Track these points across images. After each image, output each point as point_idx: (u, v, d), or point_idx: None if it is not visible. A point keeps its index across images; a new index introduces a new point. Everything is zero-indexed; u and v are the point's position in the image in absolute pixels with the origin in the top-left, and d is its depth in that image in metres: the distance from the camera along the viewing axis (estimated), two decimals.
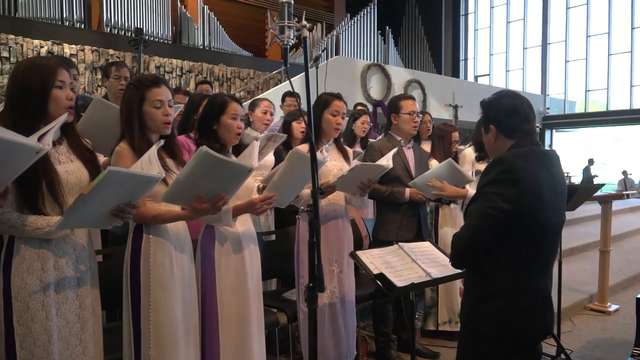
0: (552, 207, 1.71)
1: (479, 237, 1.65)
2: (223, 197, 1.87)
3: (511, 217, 1.61)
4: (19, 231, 1.64)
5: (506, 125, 1.76)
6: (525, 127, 1.76)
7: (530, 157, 1.70)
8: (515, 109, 1.76)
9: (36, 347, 1.67)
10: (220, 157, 1.77)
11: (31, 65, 1.70)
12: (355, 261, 2.25)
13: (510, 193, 1.60)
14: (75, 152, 1.81)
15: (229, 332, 2.16)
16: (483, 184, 1.69)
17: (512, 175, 1.62)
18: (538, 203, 1.65)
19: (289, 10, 1.43)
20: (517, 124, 1.75)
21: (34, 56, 1.73)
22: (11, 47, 7.84)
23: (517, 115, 1.76)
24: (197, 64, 9.91)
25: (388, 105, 3.26)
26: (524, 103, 1.79)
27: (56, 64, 1.71)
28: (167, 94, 2.00)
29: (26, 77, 1.67)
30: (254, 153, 1.96)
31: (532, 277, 1.71)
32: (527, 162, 1.67)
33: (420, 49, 17.03)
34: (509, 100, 1.78)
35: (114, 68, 3.30)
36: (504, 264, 1.67)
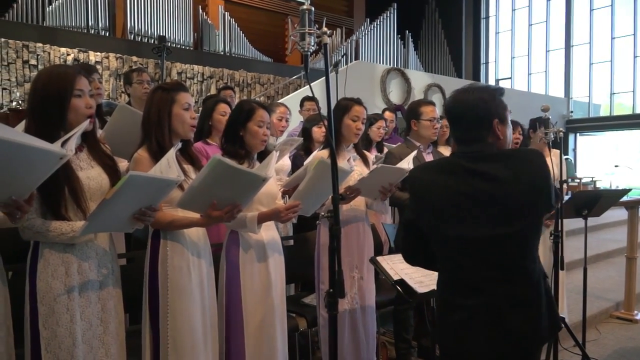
0: (464, 216, 1.52)
1: (405, 244, 1.73)
2: (237, 206, 1.89)
3: (416, 228, 1.65)
4: (43, 237, 1.68)
5: (456, 130, 1.62)
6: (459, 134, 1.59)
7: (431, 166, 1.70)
8: (447, 114, 1.63)
9: (61, 351, 1.69)
10: (234, 165, 1.79)
11: (50, 74, 1.74)
12: (375, 267, 2.24)
13: (412, 205, 1.66)
14: (96, 159, 1.85)
15: (254, 340, 2.18)
16: None
17: (414, 189, 1.66)
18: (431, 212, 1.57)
19: (310, 17, 1.44)
20: (453, 130, 1.63)
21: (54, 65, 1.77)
22: (39, 55, 8.05)
23: (460, 122, 1.59)
24: (218, 69, 10.03)
25: (408, 111, 3.23)
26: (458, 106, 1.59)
27: (74, 73, 1.73)
28: (191, 100, 2.07)
29: (45, 87, 1.71)
30: (271, 163, 1.98)
31: (461, 292, 1.55)
32: (438, 173, 1.59)
33: (440, 52, 16.91)
34: (449, 103, 1.61)
35: (135, 74, 3.38)
36: (440, 274, 1.66)
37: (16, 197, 1.44)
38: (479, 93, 1.57)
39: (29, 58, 7.99)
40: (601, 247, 6.50)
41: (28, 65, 7.98)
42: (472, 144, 1.56)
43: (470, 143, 1.57)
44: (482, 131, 1.56)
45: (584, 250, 3.63)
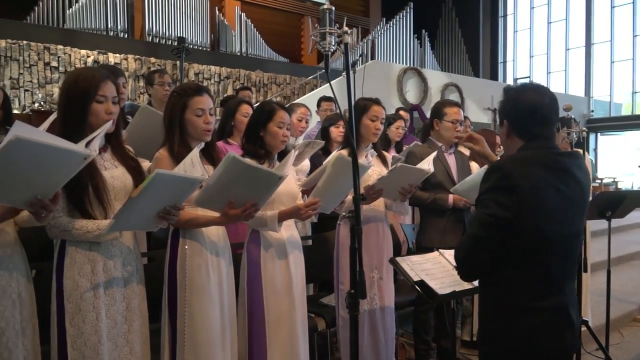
0: (563, 216, 1.56)
1: (478, 247, 1.54)
2: (254, 204, 1.90)
3: (510, 226, 1.49)
4: (69, 235, 1.70)
5: (520, 124, 1.60)
6: (541, 130, 1.60)
7: (537, 161, 1.56)
8: (533, 109, 1.59)
9: (87, 348, 1.72)
10: (249, 163, 1.80)
11: (77, 77, 1.77)
12: (395, 268, 2.22)
13: (509, 201, 1.49)
14: (120, 159, 1.87)
15: (276, 338, 2.19)
16: (481, 192, 1.57)
17: (508, 182, 1.51)
18: (540, 212, 1.51)
19: (330, 16, 1.44)
20: (532, 127, 1.59)
21: (83, 67, 1.81)
22: (60, 57, 8.18)
23: (533, 116, 1.58)
24: (234, 70, 10.09)
25: (432, 109, 3.20)
26: (545, 103, 1.60)
27: (101, 78, 1.75)
28: (208, 103, 2.05)
29: (71, 88, 1.74)
30: (289, 162, 1.98)
31: (541, 294, 1.55)
32: (528, 167, 1.54)
33: (458, 51, 16.77)
34: (530, 98, 1.59)
35: (157, 75, 3.41)
36: (510, 277, 1.55)
37: (41, 196, 1.46)
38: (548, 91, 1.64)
39: (50, 60, 8.12)
40: (624, 249, 6.38)
41: (49, 67, 8.12)
42: (550, 140, 1.61)
43: (548, 139, 1.61)
44: (553, 128, 1.65)
45: (607, 252, 3.56)
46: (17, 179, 1.39)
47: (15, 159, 1.33)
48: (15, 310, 1.66)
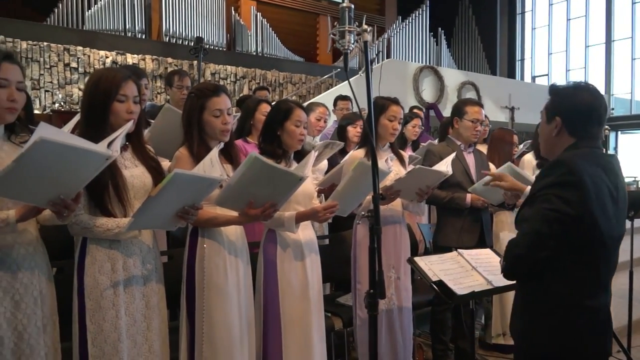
0: (613, 216, 1.57)
1: (539, 243, 1.51)
2: (274, 205, 1.90)
3: (573, 223, 1.48)
4: (90, 232, 1.73)
5: (575, 123, 1.61)
6: (594, 130, 1.62)
7: (593, 160, 1.56)
8: (591, 110, 1.61)
9: (107, 345, 1.74)
10: (271, 163, 1.80)
11: (99, 77, 1.80)
12: (413, 267, 2.21)
13: (573, 197, 1.48)
14: (140, 158, 1.89)
15: (292, 339, 2.19)
16: (542, 187, 1.55)
17: (575, 177, 1.49)
18: (600, 210, 1.51)
19: (350, 14, 1.43)
20: (589, 127, 1.61)
21: (106, 68, 1.83)
22: (79, 58, 8.30)
23: (590, 116, 1.61)
24: (250, 70, 10.13)
25: (453, 108, 3.17)
26: (602, 105, 1.64)
27: (122, 78, 1.78)
28: (226, 103, 2.05)
29: (93, 88, 1.77)
30: (309, 163, 1.98)
31: (592, 293, 1.56)
32: (591, 165, 1.54)
33: (474, 49, 16.61)
34: (587, 98, 1.62)
35: (177, 77, 3.40)
36: (562, 276, 1.54)
37: (64, 196, 1.49)
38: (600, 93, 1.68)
39: (70, 61, 8.24)
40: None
41: (69, 68, 8.24)
42: (598, 140, 1.64)
43: (597, 139, 1.63)
44: (603, 129, 1.67)
45: (629, 253, 3.49)
46: (41, 179, 1.42)
47: (39, 160, 1.35)
48: (37, 307, 1.68)
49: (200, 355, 1.95)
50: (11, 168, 1.34)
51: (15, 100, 1.59)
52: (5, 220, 1.53)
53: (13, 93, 1.59)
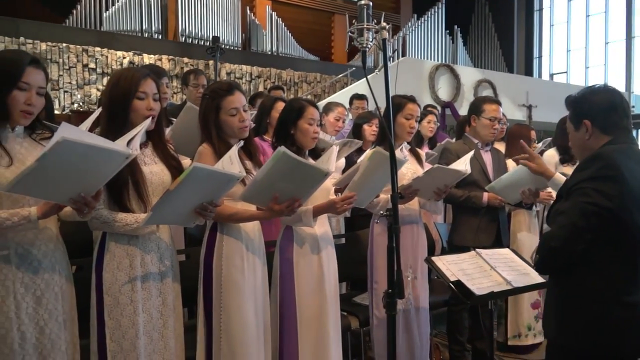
0: None
1: (576, 236, 1.51)
2: (298, 200, 1.90)
3: (611, 217, 1.48)
4: (109, 227, 1.74)
5: (604, 120, 1.64)
6: (624, 123, 1.64)
7: (630, 155, 1.57)
8: (614, 104, 1.64)
9: (124, 340, 1.76)
10: (298, 158, 1.80)
11: (119, 76, 1.83)
12: (430, 267, 2.19)
13: (612, 191, 1.49)
14: (160, 156, 1.91)
15: (308, 334, 2.18)
16: (579, 180, 1.56)
17: (613, 172, 1.51)
18: (637, 205, 1.51)
19: (368, 12, 1.42)
20: (617, 120, 1.63)
21: (126, 67, 1.85)
22: (97, 59, 8.40)
23: (616, 110, 1.64)
24: (265, 69, 10.15)
25: (471, 105, 3.14)
26: (622, 98, 1.67)
27: (141, 76, 1.80)
28: (241, 100, 2.06)
29: (114, 87, 1.80)
30: (332, 158, 1.97)
31: (629, 289, 1.55)
32: (629, 160, 1.54)
33: (491, 47, 16.42)
34: (606, 95, 1.66)
35: (192, 76, 3.44)
36: (598, 271, 1.54)
37: (85, 193, 1.51)
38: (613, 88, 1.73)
39: (89, 62, 8.34)
40: None
41: (87, 68, 8.34)
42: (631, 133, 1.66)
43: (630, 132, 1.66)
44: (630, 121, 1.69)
45: None
46: (62, 177, 1.44)
47: (61, 159, 1.38)
48: (58, 303, 1.70)
49: (218, 353, 1.96)
50: (33, 167, 1.37)
51: (33, 105, 1.61)
52: (27, 217, 1.55)
53: (32, 97, 1.60)
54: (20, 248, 1.62)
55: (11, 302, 1.59)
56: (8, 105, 1.58)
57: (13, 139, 1.65)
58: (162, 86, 2.48)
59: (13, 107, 1.59)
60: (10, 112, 1.59)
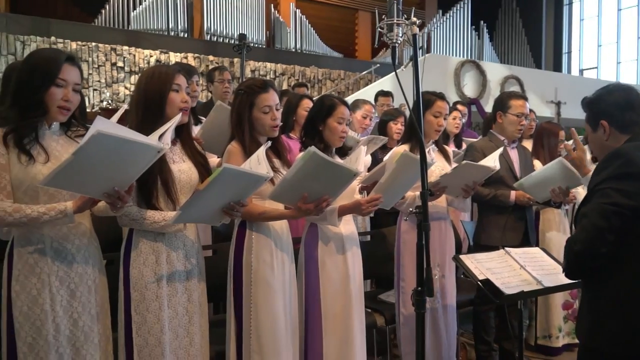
0: None
1: (598, 238, 1.47)
2: (326, 199, 1.90)
3: (634, 215, 1.44)
4: (138, 224, 1.77)
5: (621, 119, 1.62)
6: None
7: None
8: (630, 102, 1.64)
9: (150, 336, 1.78)
10: (328, 159, 1.80)
11: (153, 71, 1.86)
12: (459, 265, 2.16)
13: (632, 188, 1.46)
14: (188, 153, 1.93)
15: (332, 332, 2.18)
16: (598, 181, 1.53)
17: (632, 169, 1.48)
18: None
19: (398, 7, 1.41)
20: (634, 118, 1.62)
21: (157, 64, 1.88)
22: (125, 58, 8.56)
23: (632, 108, 1.63)
24: (289, 66, 10.18)
25: (496, 101, 3.06)
26: (635, 93, 1.65)
27: (174, 71, 1.84)
28: (274, 99, 2.06)
29: (148, 82, 1.82)
30: (360, 158, 1.97)
31: None
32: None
33: (518, 42, 16.12)
34: (622, 94, 1.65)
35: (217, 73, 3.49)
36: (628, 270, 1.49)
37: (118, 187, 1.53)
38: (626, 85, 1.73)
39: (117, 60, 8.51)
40: None
41: (116, 67, 8.50)
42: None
43: None
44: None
45: None
46: (97, 171, 1.47)
47: (96, 153, 1.40)
48: (91, 296, 1.73)
49: (248, 350, 1.97)
50: (70, 161, 1.39)
51: (70, 101, 1.65)
52: (63, 212, 1.58)
53: (68, 94, 1.64)
54: (55, 242, 1.66)
55: (46, 295, 1.63)
56: (46, 102, 1.62)
57: (49, 136, 1.69)
58: (192, 84, 2.50)
59: (51, 103, 1.62)
60: (48, 109, 1.63)
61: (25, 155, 1.60)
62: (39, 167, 1.61)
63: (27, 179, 1.60)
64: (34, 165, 1.61)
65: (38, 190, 1.62)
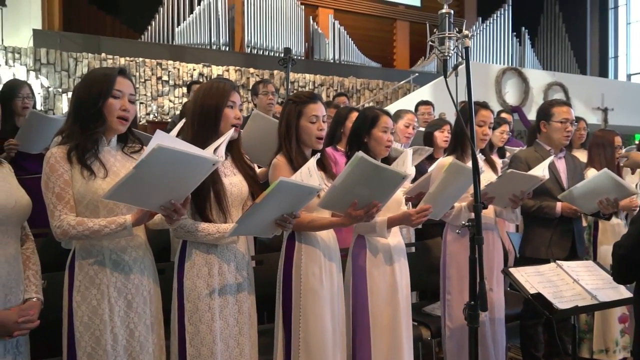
0: None
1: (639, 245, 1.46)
2: (376, 205, 1.90)
3: None
4: (192, 236, 1.82)
5: None
6: None
7: None
8: None
9: (203, 346, 1.81)
10: (376, 162, 1.81)
11: (210, 86, 1.92)
12: (509, 279, 2.12)
13: None
14: (238, 167, 1.97)
15: (381, 344, 2.17)
16: None
17: None
18: None
19: (450, 20, 1.41)
20: None
21: (213, 79, 1.95)
22: (170, 72, 8.82)
23: None
24: (328, 77, 10.25)
25: (538, 111, 3.01)
26: None
27: (230, 88, 1.90)
28: (322, 110, 2.10)
29: (205, 96, 1.88)
30: (407, 161, 1.97)
31: None
32: None
33: (561, 48, 15.69)
34: None
35: (261, 85, 3.56)
36: None
37: (174, 200, 1.58)
38: None
39: (162, 74, 8.79)
40: None
41: (161, 81, 8.78)
42: None
43: None
44: None
45: None
46: (156, 184, 1.52)
47: (156, 166, 1.45)
48: (146, 306, 1.78)
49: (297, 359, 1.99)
50: (131, 174, 1.45)
51: (127, 110, 1.72)
52: (122, 225, 1.64)
53: (126, 103, 1.72)
54: (113, 254, 1.72)
55: (105, 306, 1.68)
56: (104, 114, 1.69)
57: (108, 151, 1.76)
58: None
59: (110, 114, 1.70)
60: (107, 120, 1.70)
61: (87, 170, 1.67)
62: (99, 182, 1.68)
63: (89, 193, 1.67)
64: (94, 180, 1.67)
65: (98, 204, 1.68)
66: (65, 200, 1.66)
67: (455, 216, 2.49)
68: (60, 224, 1.63)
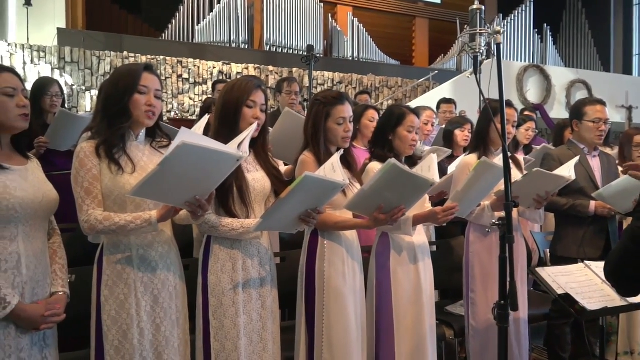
0: None
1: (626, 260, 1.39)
2: (401, 209, 1.90)
3: None
4: (216, 231, 1.83)
5: None
6: None
7: None
8: None
9: (227, 341, 1.83)
10: (407, 169, 1.81)
11: (233, 85, 1.94)
12: (535, 279, 2.09)
13: None
14: (261, 163, 1.98)
15: (405, 344, 2.17)
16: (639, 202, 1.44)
17: None
18: None
19: (481, 17, 1.39)
20: None
21: (239, 77, 1.96)
22: (190, 70, 8.90)
23: None
24: (347, 75, 10.22)
25: (571, 110, 2.99)
26: None
27: (253, 86, 1.91)
28: (349, 111, 2.11)
29: (227, 94, 1.90)
30: (433, 167, 1.96)
31: None
32: None
33: (584, 45, 15.39)
34: None
35: (286, 84, 3.55)
36: None
37: (199, 196, 1.59)
38: None
39: (182, 72, 8.87)
40: None
41: (181, 79, 8.87)
42: None
43: None
44: None
45: None
46: (181, 181, 1.52)
47: (181, 162, 1.46)
48: (172, 302, 1.80)
49: (320, 358, 1.98)
50: (156, 171, 1.45)
51: (153, 106, 1.74)
52: (148, 221, 1.66)
53: (151, 99, 1.73)
54: (141, 250, 1.74)
55: (132, 301, 1.70)
56: (130, 110, 1.71)
57: (136, 146, 1.78)
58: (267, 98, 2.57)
59: (137, 110, 1.71)
60: (134, 115, 1.72)
61: (115, 165, 1.69)
62: (126, 177, 1.69)
63: (116, 188, 1.69)
64: (122, 175, 1.69)
65: (126, 200, 1.70)
66: (93, 195, 1.68)
67: (479, 215, 2.46)
68: (87, 219, 1.66)
